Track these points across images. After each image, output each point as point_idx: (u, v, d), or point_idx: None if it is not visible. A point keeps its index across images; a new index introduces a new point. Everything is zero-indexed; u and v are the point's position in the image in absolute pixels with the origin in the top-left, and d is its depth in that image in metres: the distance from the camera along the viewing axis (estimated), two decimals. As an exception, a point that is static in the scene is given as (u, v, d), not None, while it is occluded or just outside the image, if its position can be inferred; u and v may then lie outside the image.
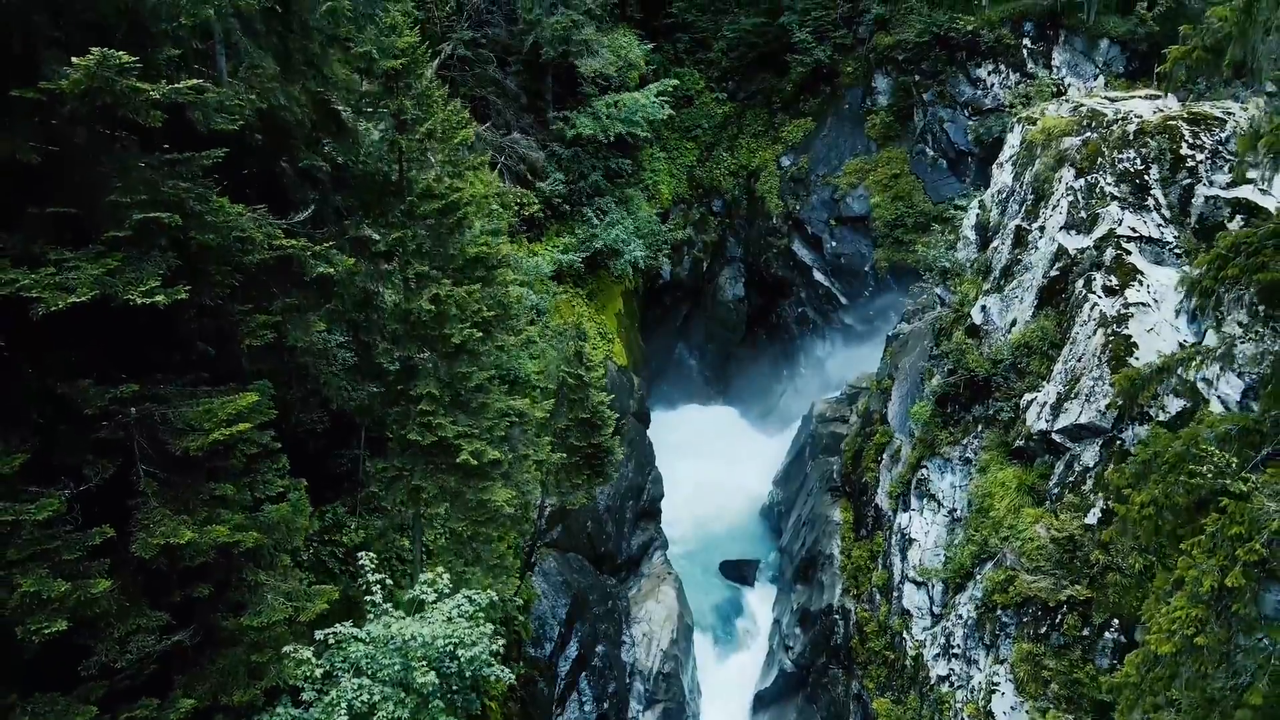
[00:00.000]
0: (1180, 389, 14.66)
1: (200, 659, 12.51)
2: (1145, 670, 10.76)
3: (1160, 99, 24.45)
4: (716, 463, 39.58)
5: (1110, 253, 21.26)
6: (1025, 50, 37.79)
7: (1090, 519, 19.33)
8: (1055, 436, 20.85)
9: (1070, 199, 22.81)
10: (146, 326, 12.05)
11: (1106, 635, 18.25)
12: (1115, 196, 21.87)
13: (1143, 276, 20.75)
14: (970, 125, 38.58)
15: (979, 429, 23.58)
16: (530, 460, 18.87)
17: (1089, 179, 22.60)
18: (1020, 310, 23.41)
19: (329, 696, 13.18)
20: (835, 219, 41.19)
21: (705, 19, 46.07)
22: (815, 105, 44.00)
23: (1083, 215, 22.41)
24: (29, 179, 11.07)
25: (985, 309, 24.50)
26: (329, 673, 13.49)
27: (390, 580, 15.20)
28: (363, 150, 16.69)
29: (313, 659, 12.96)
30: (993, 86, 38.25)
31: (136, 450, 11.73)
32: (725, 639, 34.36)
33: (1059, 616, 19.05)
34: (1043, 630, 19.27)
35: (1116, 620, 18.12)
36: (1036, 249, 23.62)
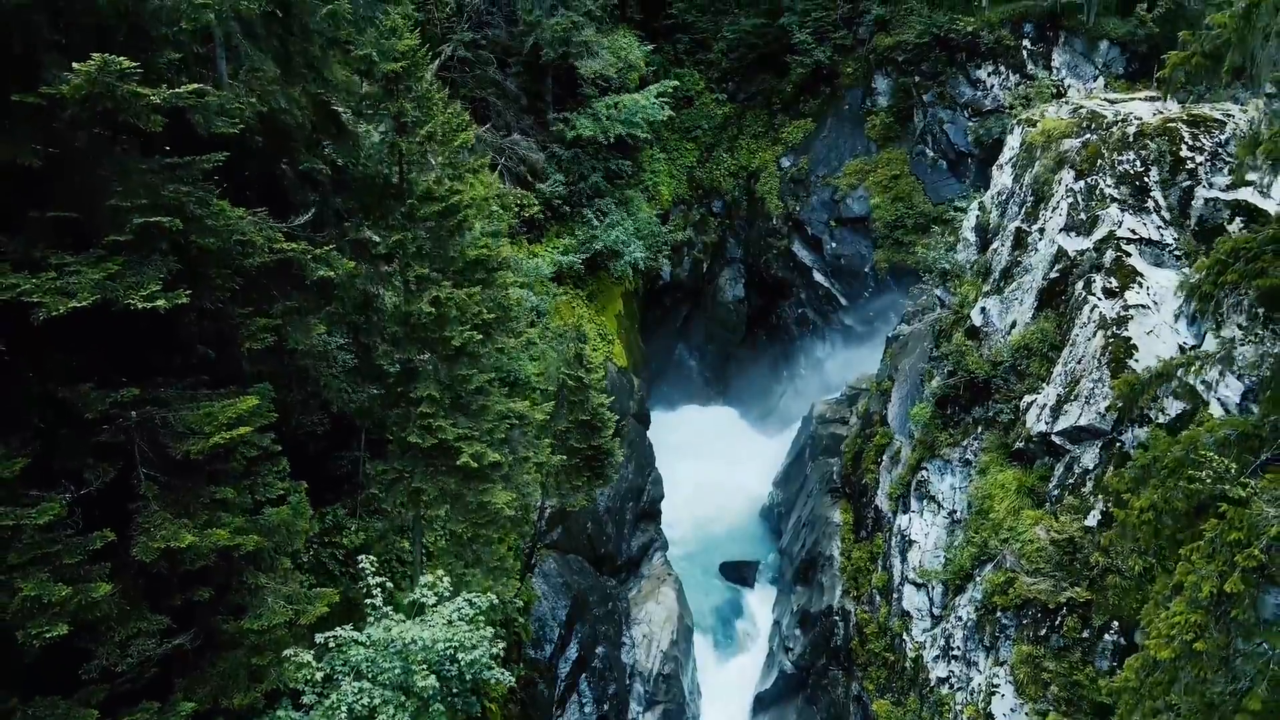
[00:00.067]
0: (1180, 392, 14.67)
1: (201, 662, 12.52)
2: (1144, 675, 10.78)
3: (1160, 101, 24.45)
4: (716, 464, 39.57)
5: (1110, 255, 21.27)
6: (1025, 51, 37.78)
7: (1090, 521, 19.34)
8: (1055, 438, 20.87)
9: (1070, 201, 22.81)
10: (147, 330, 12.04)
11: (1106, 637, 18.27)
12: (1115, 198, 21.88)
13: (1142, 278, 20.77)
14: (970, 126, 38.57)
15: (979, 431, 23.59)
16: (530, 462, 18.88)
17: (1089, 181, 22.61)
18: (1020, 312, 23.41)
19: (329, 700, 13.20)
20: (835, 220, 41.19)
21: (705, 20, 46.05)
22: (815, 106, 43.99)
23: (1082, 217, 22.42)
24: (30, 183, 11.07)
25: (985, 311, 24.51)
26: (329, 676, 13.50)
27: (390, 583, 15.21)
28: (363, 153, 16.65)
29: (313, 662, 12.98)
30: (993, 88, 38.24)
31: (137, 454, 11.74)
32: (725, 640, 34.35)
33: (1059, 618, 19.06)
34: (1042, 632, 19.28)
35: (1116, 622, 18.14)
36: (1036, 251, 23.63)
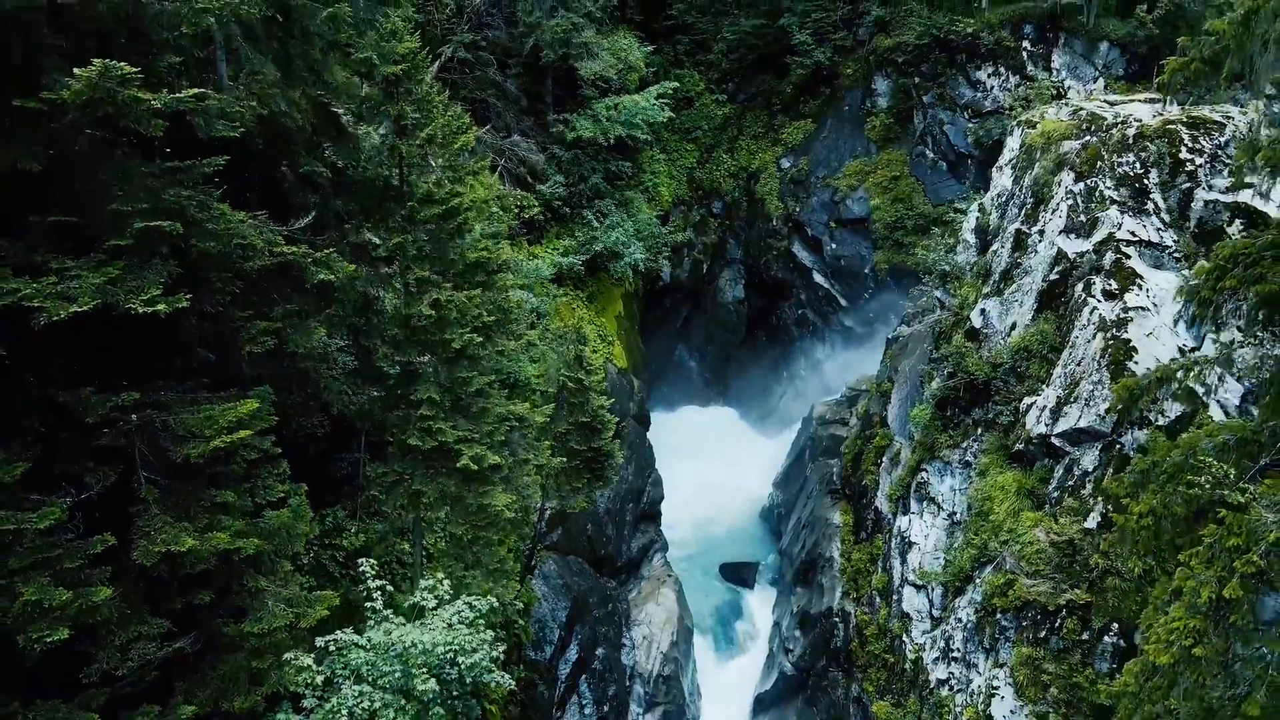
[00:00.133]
0: (1179, 394, 14.69)
1: (201, 665, 12.52)
2: (1144, 679, 10.79)
3: (1160, 103, 24.46)
4: (716, 465, 39.58)
5: (1110, 257, 21.28)
6: (1025, 53, 37.78)
7: (1090, 523, 19.35)
8: (1055, 440, 20.88)
9: (1070, 203, 22.82)
10: (147, 333, 12.04)
11: (1106, 639, 18.28)
12: (1115, 200, 21.89)
13: (1142, 280, 20.78)
14: (970, 128, 38.57)
15: (978, 432, 23.60)
16: (530, 464, 18.90)
17: (1088, 183, 22.61)
18: (1020, 314, 23.42)
19: (330, 703, 13.22)
20: (835, 221, 41.19)
21: (705, 21, 46.07)
22: (815, 107, 43.99)
23: (1082, 219, 22.42)
24: (30, 187, 11.08)
25: (985, 312, 24.52)
26: (330, 679, 13.53)
27: (391, 585, 15.22)
28: (363, 155, 16.65)
29: (313, 665, 13.01)
30: (992, 89, 38.24)
31: (138, 457, 11.75)
32: (725, 642, 34.36)
33: (1058, 620, 19.08)
34: (1042, 634, 19.29)
35: (1116, 624, 18.16)
36: (1036, 253, 23.64)
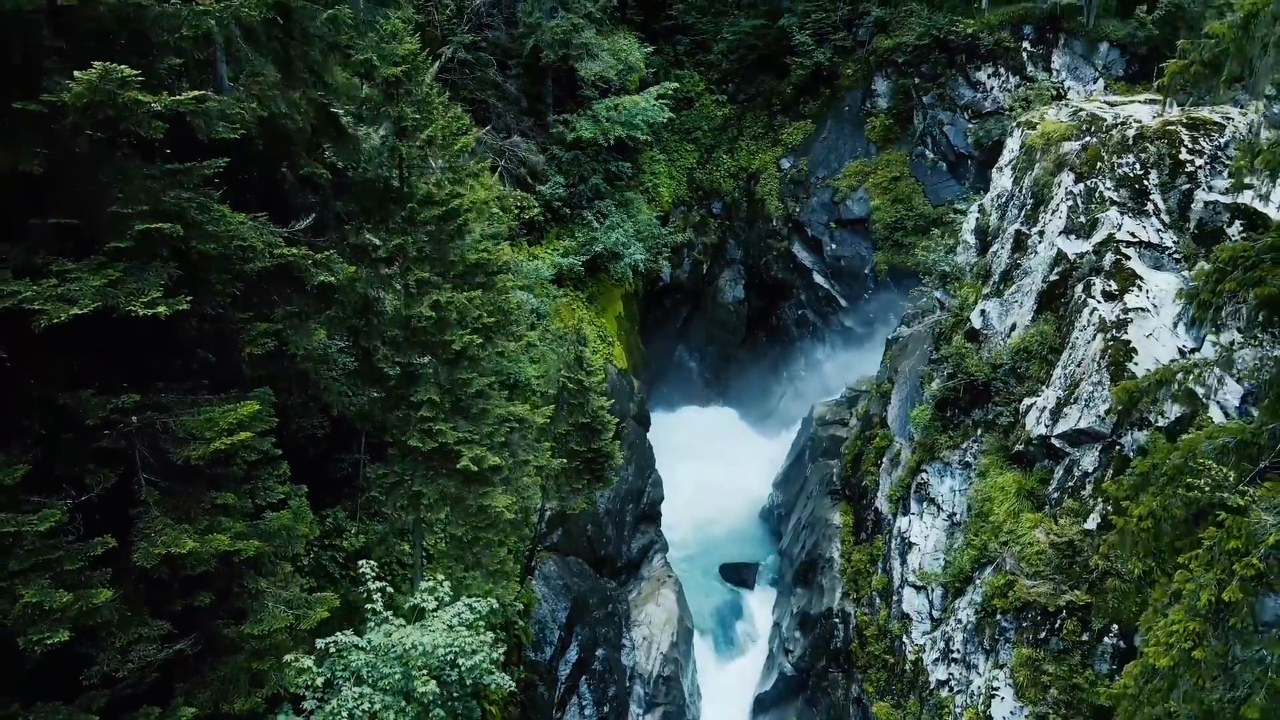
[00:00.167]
0: (1179, 396, 14.70)
1: (201, 667, 12.51)
2: (1143, 681, 10.80)
3: (1159, 104, 24.47)
4: (716, 465, 39.58)
5: (1109, 257, 21.29)
6: (1025, 53, 37.79)
7: (1089, 524, 19.36)
8: (1055, 441, 20.89)
9: (1070, 204, 22.82)
10: (148, 335, 12.03)
11: (1106, 640, 18.29)
12: (1114, 201, 21.90)
13: (1142, 281, 20.79)
14: (970, 128, 38.57)
15: (978, 433, 23.61)
16: (530, 465, 18.89)
17: (1088, 184, 22.62)
18: (1020, 315, 23.43)
19: (330, 705, 13.20)
20: (835, 221, 41.20)
21: (705, 21, 46.10)
22: (815, 107, 44.00)
23: (1082, 220, 22.43)
24: (31, 189, 11.07)
25: (985, 313, 24.53)
26: (330, 681, 13.51)
27: (391, 586, 15.20)
28: (363, 156, 16.64)
29: (314, 667, 12.98)
30: (992, 89, 38.25)
31: (138, 459, 11.73)
32: (725, 642, 34.37)
33: (1058, 621, 19.09)
34: (1042, 635, 19.30)
35: (1116, 625, 18.16)
36: (1036, 253, 23.65)
